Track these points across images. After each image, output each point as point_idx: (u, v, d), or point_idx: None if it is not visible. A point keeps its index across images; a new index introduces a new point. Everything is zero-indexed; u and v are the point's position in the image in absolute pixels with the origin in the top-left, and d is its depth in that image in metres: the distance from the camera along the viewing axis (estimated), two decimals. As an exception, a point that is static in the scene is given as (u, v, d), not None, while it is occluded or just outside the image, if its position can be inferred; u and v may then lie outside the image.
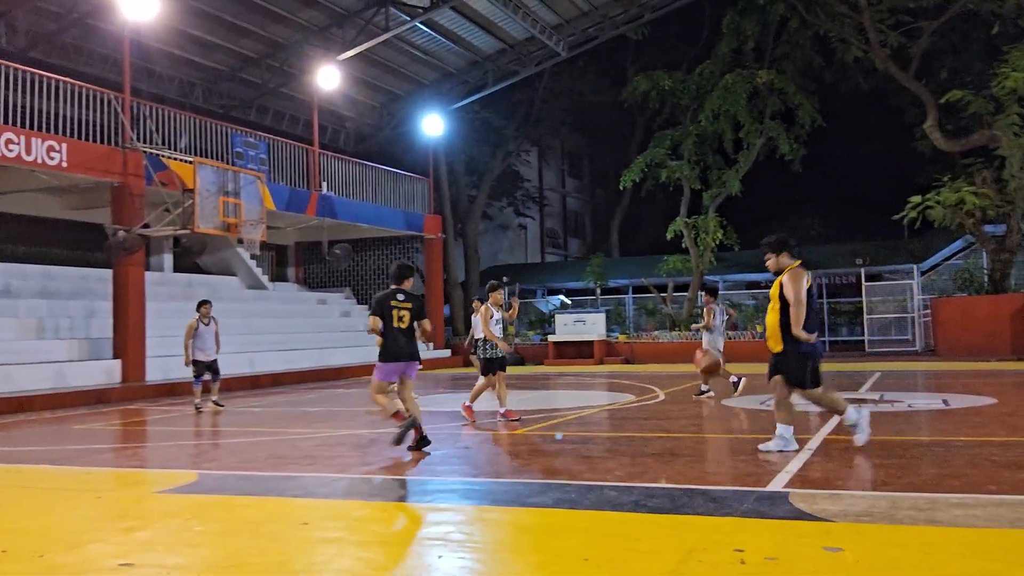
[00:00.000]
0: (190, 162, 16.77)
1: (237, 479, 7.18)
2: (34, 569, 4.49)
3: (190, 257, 21.41)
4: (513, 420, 10.22)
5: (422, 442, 8.15)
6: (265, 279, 25.19)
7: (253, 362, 19.89)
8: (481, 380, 10.68)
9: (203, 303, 13.51)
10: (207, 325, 13.38)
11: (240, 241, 22.77)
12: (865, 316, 27.13)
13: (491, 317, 10.45)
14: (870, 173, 38.77)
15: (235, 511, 5.92)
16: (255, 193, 17.93)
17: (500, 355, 10.48)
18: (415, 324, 8.38)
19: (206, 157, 18.67)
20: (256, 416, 12.90)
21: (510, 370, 11.58)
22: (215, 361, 13.50)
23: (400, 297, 8.32)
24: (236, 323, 21.56)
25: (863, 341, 27.28)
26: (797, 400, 7.69)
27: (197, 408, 13.18)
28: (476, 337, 11.16)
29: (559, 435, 9.10)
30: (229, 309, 22.40)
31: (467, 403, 10.78)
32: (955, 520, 4.93)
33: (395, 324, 8.22)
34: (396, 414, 8.20)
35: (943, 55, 26.45)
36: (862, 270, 28.01)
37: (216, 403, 13.57)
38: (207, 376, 13.44)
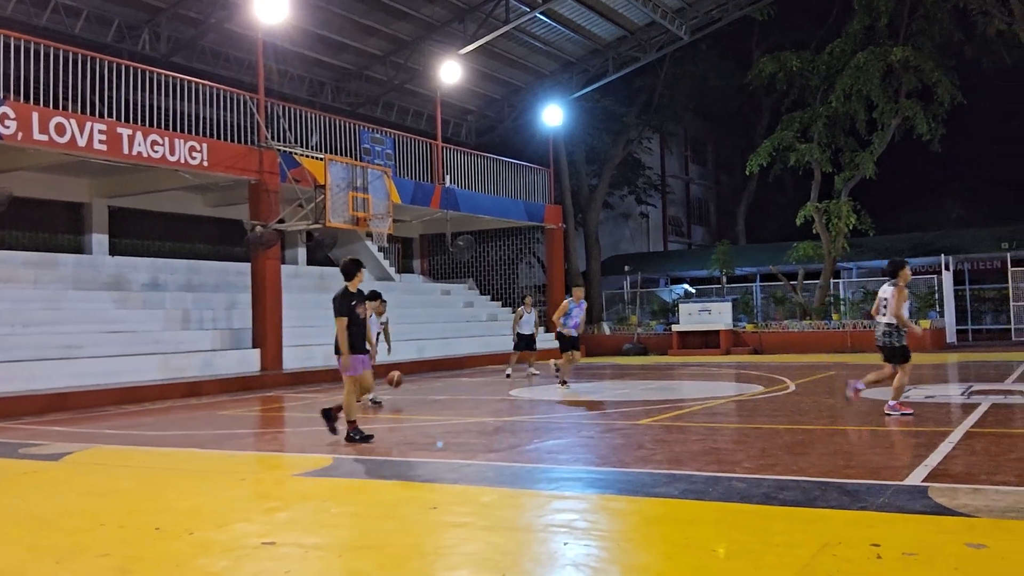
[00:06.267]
0: (321, 159, 17.39)
1: (370, 464, 7.43)
2: (185, 545, 4.79)
3: (322, 250, 22.12)
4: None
5: None
6: (392, 271, 25.87)
7: (380, 352, 20.45)
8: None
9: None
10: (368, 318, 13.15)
11: (368, 235, 23.44)
12: (1012, 303, 25.60)
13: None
14: (1015, 153, 36.42)
15: (368, 494, 6.14)
16: (382, 188, 18.42)
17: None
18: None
19: (336, 154, 19.31)
20: (385, 403, 13.27)
21: (632, 360, 11.48)
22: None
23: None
24: (365, 314, 22.22)
25: (1009, 330, 25.79)
26: None
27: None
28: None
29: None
30: (358, 300, 23.14)
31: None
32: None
33: None
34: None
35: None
36: (1008, 254, 26.44)
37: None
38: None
